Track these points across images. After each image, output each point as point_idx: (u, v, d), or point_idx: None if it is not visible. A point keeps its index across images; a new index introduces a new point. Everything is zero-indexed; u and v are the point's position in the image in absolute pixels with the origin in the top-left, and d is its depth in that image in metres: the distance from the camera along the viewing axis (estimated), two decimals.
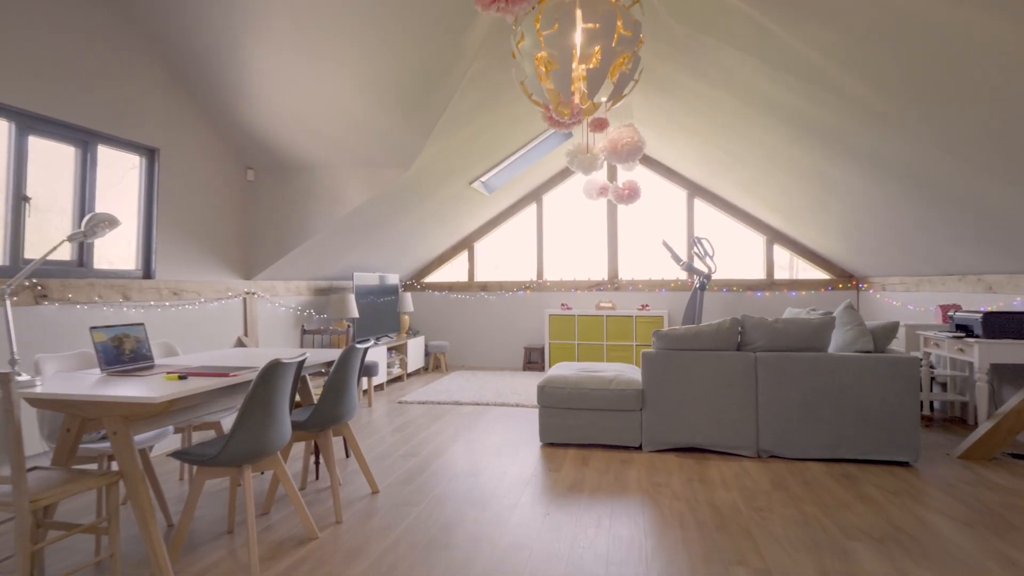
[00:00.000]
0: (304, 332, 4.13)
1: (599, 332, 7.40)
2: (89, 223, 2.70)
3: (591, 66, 2.47)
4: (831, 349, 4.14)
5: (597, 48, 2.41)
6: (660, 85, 4.94)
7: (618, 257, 7.81)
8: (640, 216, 7.85)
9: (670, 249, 6.94)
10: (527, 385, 6.58)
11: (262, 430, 2.50)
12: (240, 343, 5.01)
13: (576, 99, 2.69)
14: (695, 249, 7.00)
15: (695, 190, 7.58)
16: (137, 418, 2.30)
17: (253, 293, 5.18)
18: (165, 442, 4.18)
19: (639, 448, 4.12)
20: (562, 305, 7.71)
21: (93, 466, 3.34)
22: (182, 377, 2.50)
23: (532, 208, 8.08)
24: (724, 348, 4.03)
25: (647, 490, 3.34)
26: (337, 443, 4.35)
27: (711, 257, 6.90)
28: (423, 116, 4.42)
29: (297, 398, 3.69)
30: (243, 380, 2.63)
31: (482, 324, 8.13)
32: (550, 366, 7.52)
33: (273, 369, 2.50)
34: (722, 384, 3.98)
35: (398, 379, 7.12)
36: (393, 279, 7.34)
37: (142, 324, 2.91)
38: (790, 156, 4.92)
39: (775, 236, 7.40)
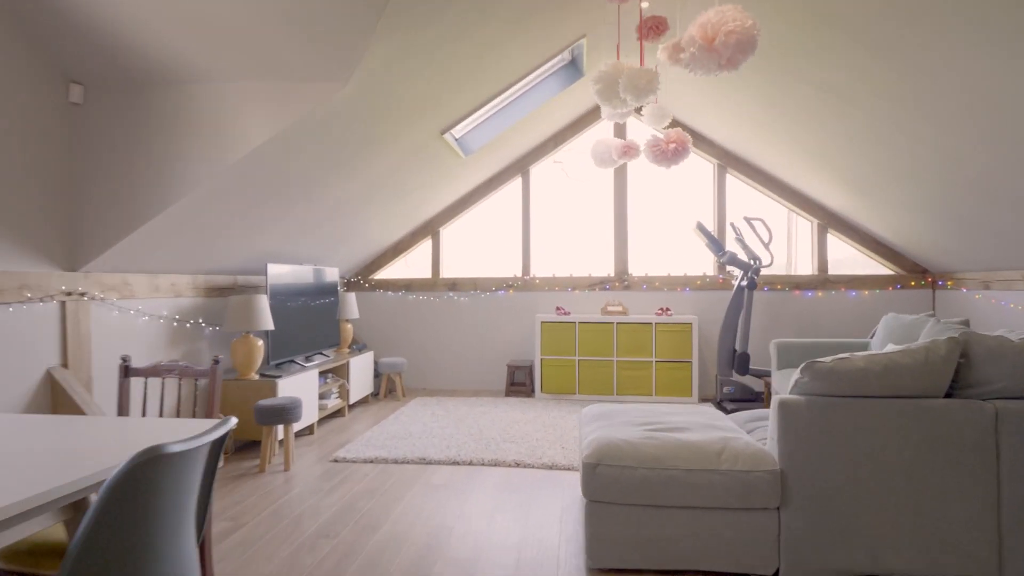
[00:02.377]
0: (127, 372, 2.07)
1: (607, 344, 5.50)
2: None
3: None
4: None
5: None
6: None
7: (628, 247, 5.92)
8: (656, 194, 6.00)
9: (706, 234, 5.10)
10: (519, 421, 4.62)
11: None
12: (54, 382, 2.85)
13: None
14: (737, 235, 5.18)
15: (727, 160, 5.77)
16: None
17: (83, 294, 3.02)
18: None
19: None
20: (557, 309, 5.77)
21: None
22: None
23: (517, 183, 6.11)
24: (931, 393, 2.17)
25: None
26: None
27: (768, 244, 5.09)
28: None
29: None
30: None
31: (451, 334, 6.10)
32: (542, 389, 5.57)
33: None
34: (930, 461, 2.12)
35: (336, 414, 5.02)
36: (331, 274, 5.24)
37: None
38: (864, 106, 3.10)
39: (830, 220, 5.66)
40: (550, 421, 4.64)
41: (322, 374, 4.86)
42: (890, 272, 5.68)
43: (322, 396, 4.72)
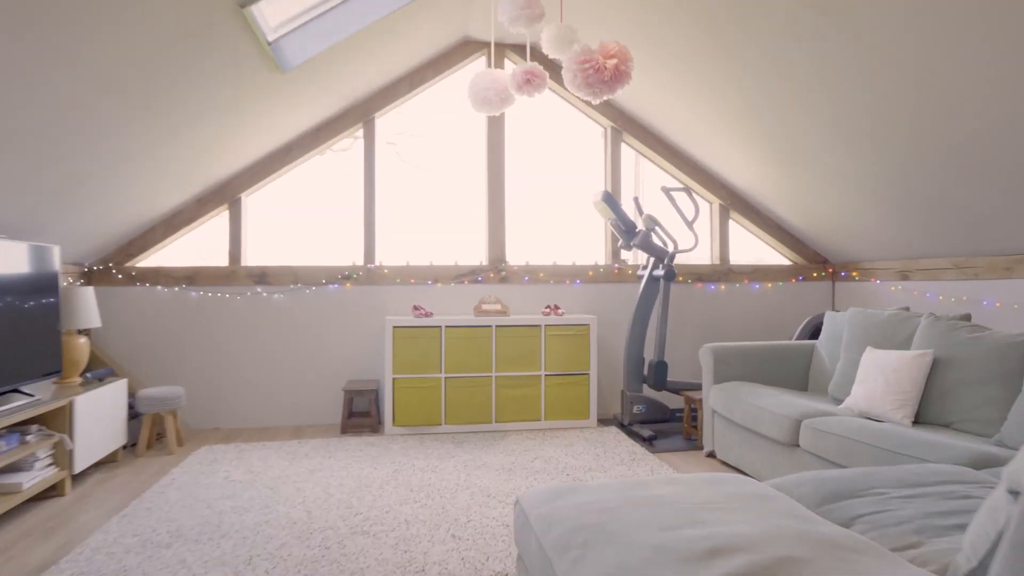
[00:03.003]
0: None
1: (483, 355, 4.08)
2: None
3: None
4: None
5: None
6: None
7: (504, 229, 4.56)
8: (534, 165, 4.72)
9: (614, 208, 3.92)
10: (370, 483, 2.99)
11: None
12: None
13: None
14: (641, 212, 4.08)
15: (624, 123, 4.67)
16: None
17: None
18: None
19: None
20: (415, 309, 4.21)
21: None
22: None
23: (357, 137, 4.44)
24: None
25: None
26: None
27: (692, 223, 4.03)
28: None
29: None
30: None
31: (258, 348, 4.23)
32: (395, 421, 3.99)
33: None
34: None
35: (48, 494, 2.95)
36: (48, 258, 3.13)
37: None
38: (791, 62, 2.14)
39: (733, 201, 4.83)
40: (419, 480, 3.08)
41: (14, 429, 2.79)
42: (788, 263, 5.02)
43: (18, 468, 2.68)
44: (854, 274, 4.77)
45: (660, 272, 3.95)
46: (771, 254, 5.03)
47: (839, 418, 2.64)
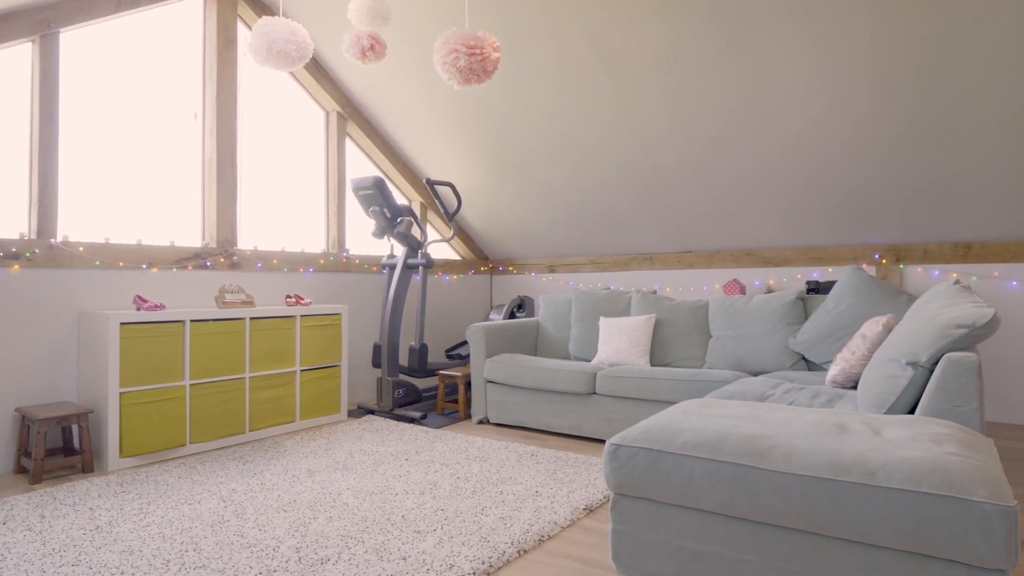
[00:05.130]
0: None
1: (235, 354, 3.36)
2: None
3: None
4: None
5: None
6: None
7: (237, 206, 3.80)
8: (258, 139, 4.08)
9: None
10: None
11: None
12: None
13: None
14: (383, 202, 4.12)
15: (351, 111, 4.52)
16: None
17: None
18: None
19: None
20: (138, 300, 3.11)
21: None
22: None
23: (24, 53, 2.94)
24: None
25: None
26: None
27: (452, 216, 4.22)
28: None
29: None
30: None
31: None
32: (122, 452, 2.89)
33: None
34: None
35: None
36: None
37: None
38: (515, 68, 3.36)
39: (432, 203, 5.27)
40: (202, 534, 2.41)
41: None
42: (459, 257, 5.79)
43: None
44: (511, 269, 5.88)
45: (419, 260, 4.09)
46: (448, 250, 5.69)
47: (623, 367, 3.48)
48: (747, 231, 4.38)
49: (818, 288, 4.01)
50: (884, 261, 4.05)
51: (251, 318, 3.45)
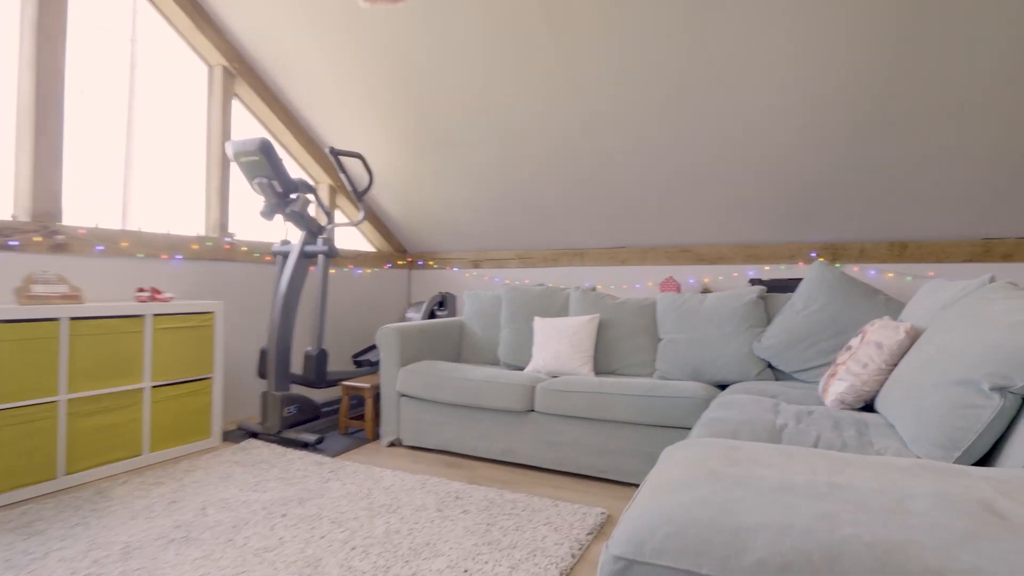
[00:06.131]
0: None
1: (45, 368, 2.46)
2: None
3: None
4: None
5: None
6: None
7: (61, 171, 2.85)
8: (107, 90, 3.14)
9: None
10: None
11: None
12: None
13: None
14: (270, 177, 3.31)
15: (240, 66, 3.64)
16: None
17: None
18: None
19: None
20: None
21: None
22: None
23: None
24: None
25: None
26: None
27: (363, 194, 3.42)
28: None
29: None
30: None
31: None
32: None
33: None
34: None
35: None
36: None
37: None
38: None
39: (341, 185, 4.46)
40: None
41: None
42: (374, 250, 5.01)
43: None
44: (431, 263, 5.15)
45: (320, 247, 3.30)
46: (362, 241, 4.90)
47: (566, 377, 2.85)
48: (683, 227, 3.93)
49: (763, 285, 3.60)
50: (821, 259, 3.72)
51: (72, 318, 2.54)
